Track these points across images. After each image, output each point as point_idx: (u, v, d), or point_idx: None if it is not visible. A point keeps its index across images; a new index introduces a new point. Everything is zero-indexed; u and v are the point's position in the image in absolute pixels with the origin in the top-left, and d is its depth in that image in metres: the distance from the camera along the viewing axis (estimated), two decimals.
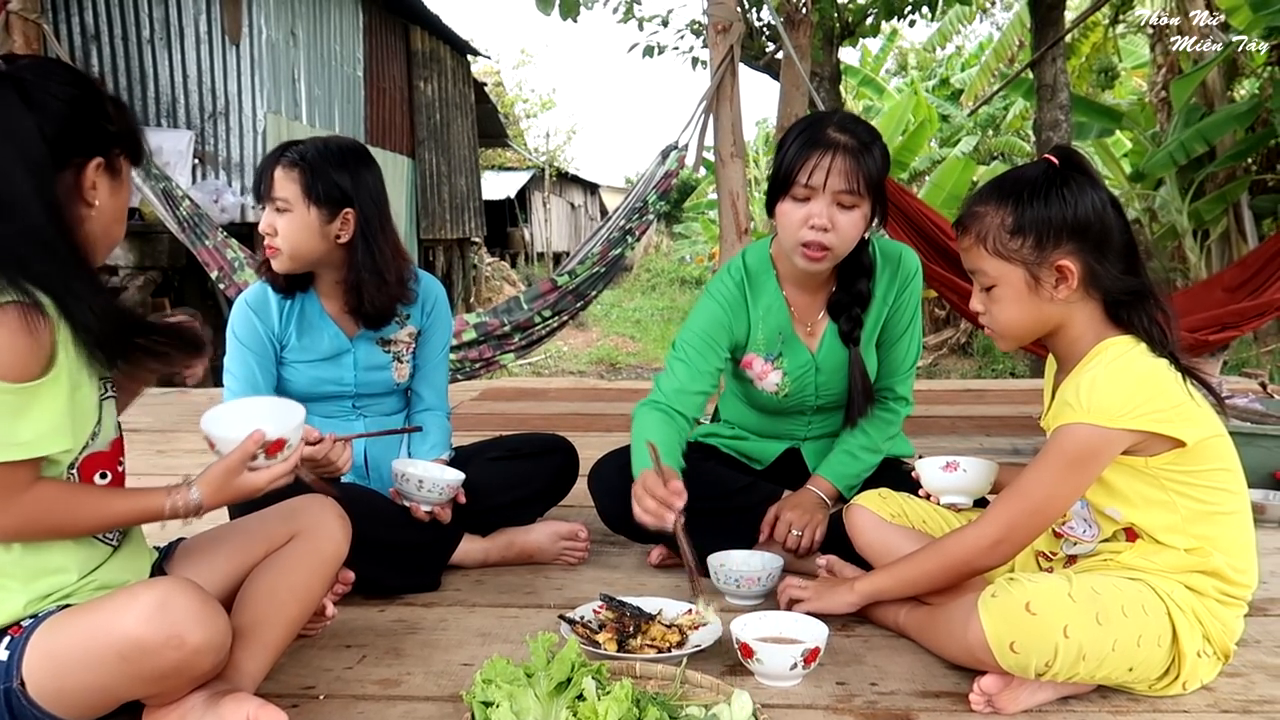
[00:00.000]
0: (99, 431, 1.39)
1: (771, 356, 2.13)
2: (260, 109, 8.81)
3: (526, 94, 30.03)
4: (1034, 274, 1.52)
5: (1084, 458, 1.49)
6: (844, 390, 2.14)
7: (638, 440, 1.95)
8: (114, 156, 1.36)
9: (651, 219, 4.62)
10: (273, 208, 2.01)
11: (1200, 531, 1.51)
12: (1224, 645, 1.54)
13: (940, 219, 3.90)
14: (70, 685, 1.25)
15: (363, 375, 2.17)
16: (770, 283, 2.12)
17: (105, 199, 1.35)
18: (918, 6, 8.24)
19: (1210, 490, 1.52)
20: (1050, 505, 1.53)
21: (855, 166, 1.87)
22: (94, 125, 1.32)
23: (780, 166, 1.93)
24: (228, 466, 1.42)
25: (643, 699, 1.32)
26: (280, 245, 2.02)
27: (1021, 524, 1.54)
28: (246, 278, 4.66)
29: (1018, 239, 1.52)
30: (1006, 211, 1.53)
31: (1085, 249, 1.51)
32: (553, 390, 5.57)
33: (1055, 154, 1.55)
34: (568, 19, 6.88)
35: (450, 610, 1.98)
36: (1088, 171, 1.54)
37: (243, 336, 2.09)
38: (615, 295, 19.29)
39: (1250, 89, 9.13)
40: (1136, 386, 1.47)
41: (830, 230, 1.89)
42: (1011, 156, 13.58)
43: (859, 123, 1.96)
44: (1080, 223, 1.50)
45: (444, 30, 13.14)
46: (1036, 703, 1.51)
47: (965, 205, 1.61)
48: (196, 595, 1.28)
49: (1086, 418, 1.47)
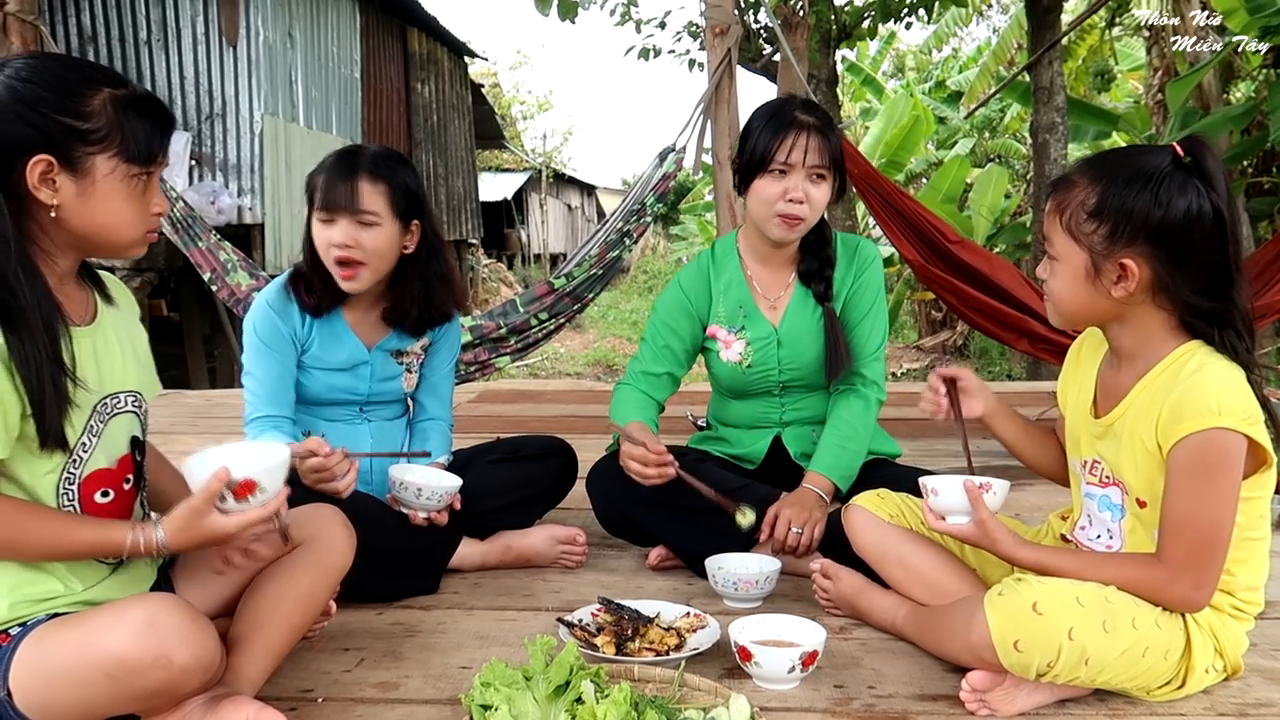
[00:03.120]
0: (95, 445, 1.37)
1: (734, 329, 2.26)
2: (257, 110, 8.80)
3: (524, 95, 30.08)
4: (1096, 264, 1.44)
5: (1227, 463, 1.38)
6: (809, 366, 2.22)
7: (614, 417, 2.23)
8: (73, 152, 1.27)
9: (649, 221, 4.62)
10: (355, 221, 1.96)
11: (1233, 556, 1.48)
12: (1234, 660, 1.54)
13: (938, 220, 3.89)
14: (57, 699, 1.23)
15: (376, 385, 2.18)
16: (733, 262, 2.30)
17: (70, 198, 1.28)
18: (914, 9, 8.25)
19: (1254, 518, 1.48)
20: (1223, 524, 1.40)
21: (824, 144, 2.08)
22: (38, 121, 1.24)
23: (756, 148, 2.10)
24: (192, 506, 1.34)
25: (641, 702, 1.32)
26: (367, 260, 1.98)
27: (1209, 559, 1.41)
28: (239, 279, 4.66)
29: (1092, 222, 1.43)
30: (1094, 190, 1.43)
31: (1159, 256, 1.40)
32: (550, 392, 5.57)
33: (1186, 145, 1.42)
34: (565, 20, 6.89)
35: (448, 613, 1.98)
36: (1209, 175, 1.39)
37: (266, 338, 2.06)
38: (612, 297, 19.30)
39: (1246, 91, 9.14)
40: (1245, 392, 1.39)
41: (804, 202, 2.08)
42: (1008, 159, 13.61)
43: (817, 106, 2.18)
44: (1164, 228, 1.38)
45: (441, 32, 13.14)
46: (1034, 705, 1.51)
47: (1074, 167, 1.52)
48: (185, 614, 1.25)
49: (1218, 421, 1.36)
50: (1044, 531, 1.74)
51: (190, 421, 4.50)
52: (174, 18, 8.74)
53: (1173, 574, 1.43)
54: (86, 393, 1.34)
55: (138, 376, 1.47)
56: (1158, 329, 1.48)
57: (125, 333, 1.48)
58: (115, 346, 1.44)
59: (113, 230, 1.34)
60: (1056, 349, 3.51)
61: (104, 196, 1.31)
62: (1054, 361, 3.60)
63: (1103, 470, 1.58)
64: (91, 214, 1.31)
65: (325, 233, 1.98)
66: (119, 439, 1.42)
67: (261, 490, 1.37)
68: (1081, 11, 9.41)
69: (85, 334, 1.38)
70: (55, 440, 1.29)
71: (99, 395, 1.38)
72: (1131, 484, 1.52)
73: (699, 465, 2.21)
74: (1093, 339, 1.67)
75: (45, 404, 1.27)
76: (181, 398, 5.33)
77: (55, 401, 1.27)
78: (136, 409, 1.46)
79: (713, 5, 4.22)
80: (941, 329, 12.11)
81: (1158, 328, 1.48)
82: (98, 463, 1.38)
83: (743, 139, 2.17)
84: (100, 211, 1.31)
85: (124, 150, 1.31)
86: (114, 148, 1.30)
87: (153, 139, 1.34)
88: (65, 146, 1.27)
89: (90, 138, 1.28)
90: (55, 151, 1.26)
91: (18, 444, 1.28)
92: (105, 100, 1.29)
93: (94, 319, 1.42)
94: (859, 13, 8.93)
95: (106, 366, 1.41)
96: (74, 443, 1.33)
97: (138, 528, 1.34)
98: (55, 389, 1.27)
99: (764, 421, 2.31)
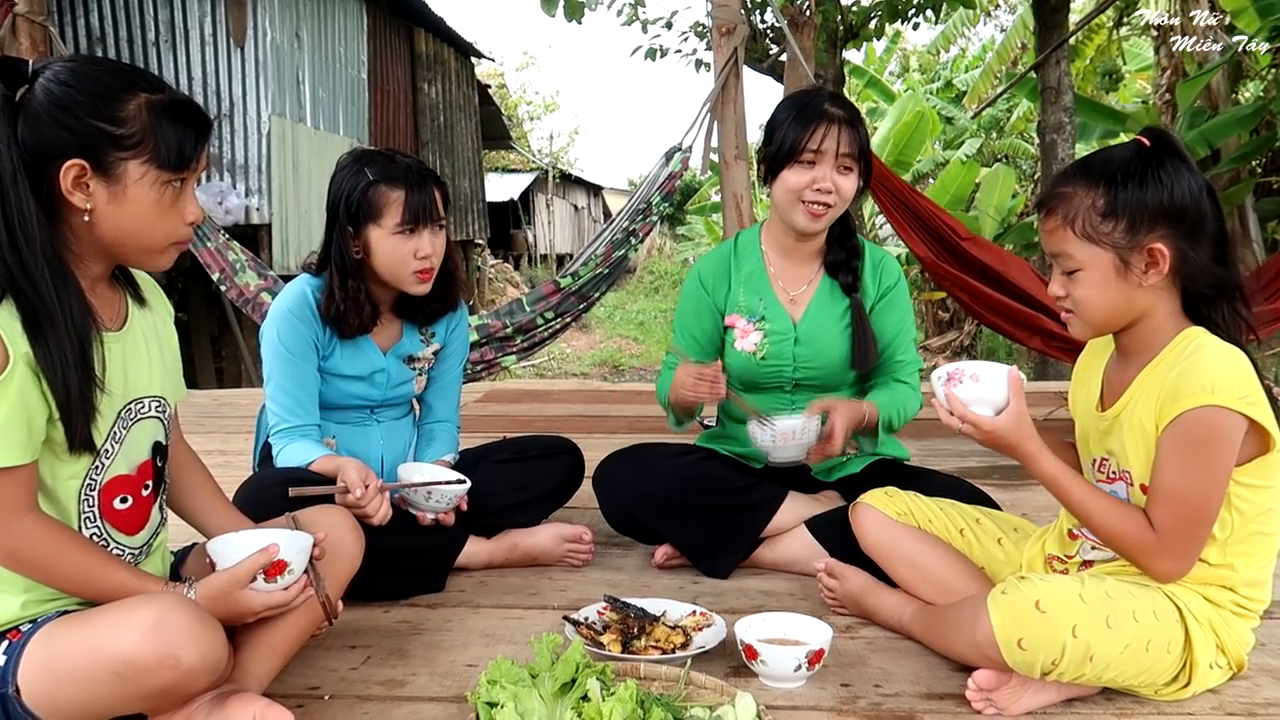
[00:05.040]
0: (118, 451, 1.38)
1: (754, 318, 2.25)
2: (265, 111, 8.83)
3: (530, 96, 30.09)
4: (1124, 259, 1.46)
5: (1219, 440, 1.40)
6: (827, 366, 2.21)
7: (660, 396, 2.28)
8: (106, 157, 1.27)
9: (655, 221, 4.63)
10: (435, 229, 2.04)
11: (1238, 549, 1.48)
12: (1238, 657, 1.54)
13: (950, 218, 3.88)
14: (65, 697, 1.24)
15: (389, 391, 2.20)
16: (755, 254, 2.30)
17: (102, 203, 1.28)
18: (921, 9, 8.23)
19: (1261, 510, 1.48)
20: (1211, 501, 1.43)
21: (853, 135, 2.11)
22: (73, 125, 1.24)
23: (785, 138, 2.11)
24: (233, 576, 1.37)
25: (647, 700, 1.32)
26: (439, 263, 2.08)
27: (1193, 533, 1.44)
28: (248, 279, 4.67)
29: (1110, 222, 1.45)
30: (1098, 193, 1.46)
31: (1179, 234, 1.44)
32: (556, 392, 5.57)
33: (1148, 135, 1.47)
34: (572, 21, 6.89)
35: (455, 611, 1.99)
36: (1182, 154, 1.45)
37: (292, 347, 2.05)
38: (618, 297, 19.30)
39: (1255, 91, 9.10)
40: (1243, 371, 1.40)
41: (833, 191, 2.10)
42: (1015, 159, 13.58)
43: (844, 99, 2.21)
44: (1176, 207, 1.43)
45: (448, 32, 13.16)
46: (1040, 704, 1.51)
47: (1049, 186, 1.55)
48: (193, 614, 1.26)
49: (1211, 399, 1.38)
50: (1053, 529, 1.74)
51: (198, 421, 4.51)
52: (182, 19, 8.77)
53: (1162, 543, 1.45)
54: (111, 399, 1.34)
55: (163, 381, 1.47)
56: (1172, 315, 1.50)
57: (155, 335, 1.48)
58: (143, 351, 1.44)
59: (141, 237, 1.33)
60: (1068, 346, 3.50)
61: (134, 202, 1.29)
62: (1065, 359, 3.58)
63: (1110, 466, 1.58)
64: (121, 219, 1.30)
65: (408, 245, 2.01)
66: (141, 445, 1.42)
67: (290, 572, 1.42)
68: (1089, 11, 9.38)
69: (116, 339, 1.37)
70: (83, 443, 1.30)
71: (124, 401, 1.38)
72: (1135, 471, 1.52)
73: (705, 463, 2.22)
74: (1098, 343, 1.67)
75: (72, 408, 1.27)
76: (190, 397, 5.33)
77: (81, 407, 1.27)
78: (160, 414, 1.46)
79: (719, 5, 4.22)
80: (949, 329, 12.07)
81: (1168, 314, 1.50)
82: (118, 469, 1.39)
83: (769, 130, 2.17)
84: (130, 217, 1.30)
85: (156, 156, 1.29)
86: (146, 153, 1.28)
87: (186, 145, 1.32)
88: (98, 151, 1.26)
89: (124, 143, 1.27)
90: (89, 156, 1.25)
91: (43, 447, 1.28)
92: (140, 105, 1.28)
93: (125, 323, 1.42)
94: (866, 13, 8.91)
95: (134, 372, 1.40)
96: (100, 446, 1.33)
97: (170, 586, 1.36)
98: (82, 395, 1.27)
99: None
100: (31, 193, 1.24)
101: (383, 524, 1.89)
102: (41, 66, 1.27)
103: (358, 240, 2.04)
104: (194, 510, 1.61)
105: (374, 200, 2.00)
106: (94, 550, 1.33)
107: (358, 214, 2.01)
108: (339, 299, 2.05)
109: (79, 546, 1.31)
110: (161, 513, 1.52)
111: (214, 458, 3.46)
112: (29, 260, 1.23)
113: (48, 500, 1.32)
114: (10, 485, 1.25)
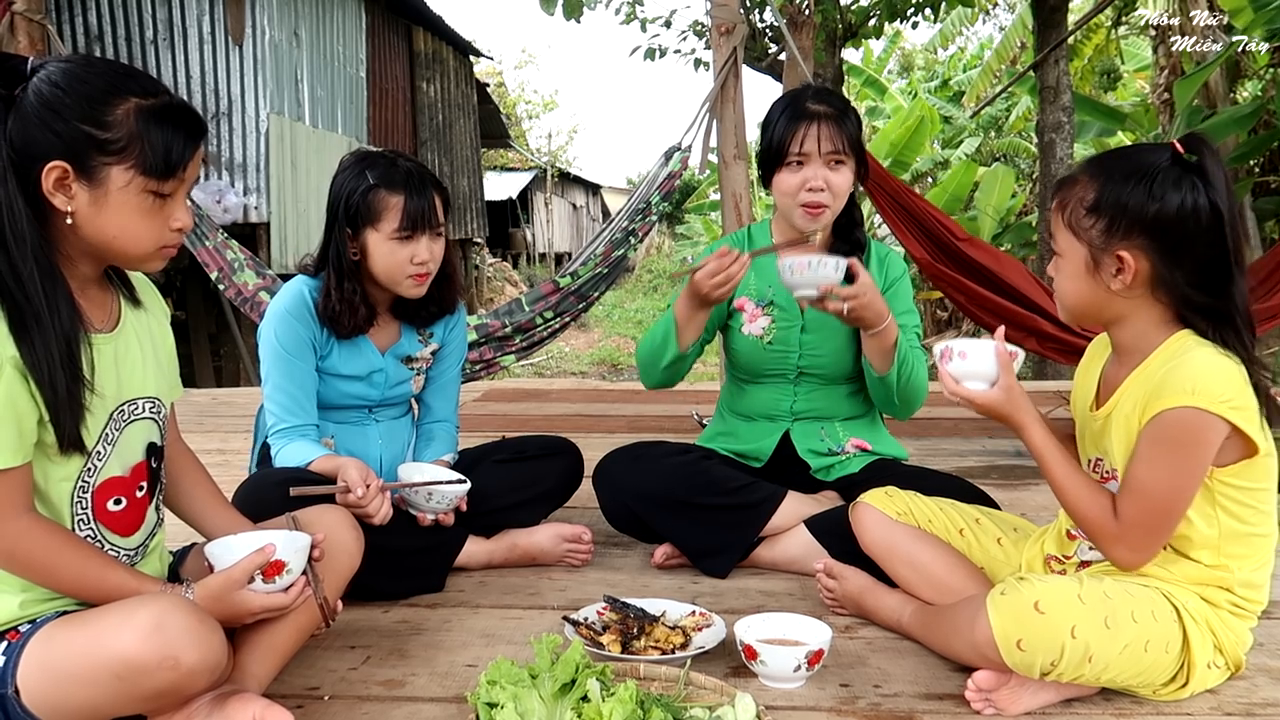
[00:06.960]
0: (110, 452, 1.37)
1: (763, 303, 2.27)
2: (263, 109, 8.82)
3: (529, 95, 30.07)
4: (1095, 257, 1.47)
5: (1195, 441, 1.40)
6: (831, 355, 2.21)
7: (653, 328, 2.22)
8: (89, 161, 1.24)
9: (654, 220, 4.62)
10: (433, 234, 2.04)
11: (1232, 550, 1.49)
12: (1236, 657, 1.54)
13: (946, 218, 3.88)
14: (64, 698, 1.23)
15: (387, 391, 2.20)
16: (766, 242, 2.31)
17: (83, 207, 1.26)
18: (920, 8, 8.24)
19: (1253, 511, 1.48)
20: (1178, 500, 1.44)
21: (838, 130, 2.11)
22: (58, 127, 1.22)
23: (772, 142, 2.14)
24: (230, 577, 1.37)
25: (647, 700, 1.32)
26: (436, 268, 2.08)
27: (1155, 527, 1.45)
28: (246, 278, 4.67)
29: (1091, 217, 1.46)
30: (1093, 187, 1.46)
31: (1155, 249, 1.43)
32: (555, 391, 5.57)
33: (1185, 143, 1.44)
34: (570, 20, 6.89)
35: (454, 611, 1.99)
36: (1206, 172, 1.41)
37: (290, 347, 2.05)
38: (617, 296, 19.30)
39: (1253, 90, 9.11)
40: (1230, 378, 1.40)
41: (825, 189, 2.12)
42: (1014, 158, 13.58)
43: (831, 93, 2.23)
44: (1159, 222, 1.41)
45: (446, 31, 13.15)
46: (1039, 704, 1.51)
47: (1076, 166, 1.55)
48: (193, 615, 1.25)
49: (1191, 400, 1.38)
50: (1052, 529, 1.74)
51: (196, 420, 4.50)
52: (180, 17, 8.76)
53: (1121, 531, 1.47)
54: (103, 400, 1.34)
55: (157, 381, 1.46)
56: (1156, 323, 1.50)
57: (149, 336, 1.47)
58: (137, 352, 1.43)
59: (123, 243, 1.31)
60: (1064, 348, 3.50)
61: (117, 208, 1.28)
62: (1061, 360, 3.59)
63: (1104, 465, 1.58)
64: (103, 224, 1.28)
65: (405, 250, 2.01)
66: (135, 446, 1.42)
67: (288, 572, 1.42)
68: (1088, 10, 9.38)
69: (107, 340, 1.37)
70: (72, 444, 1.29)
71: (116, 402, 1.37)
72: (1122, 469, 1.52)
73: (705, 461, 2.22)
74: (1099, 344, 1.68)
75: (60, 409, 1.26)
76: (188, 396, 5.34)
77: (69, 407, 1.27)
78: (154, 415, 1.46)
79: (718, 4, 4.21)
80: (946, 329, 12.09)
81: (1156, 322, 1.50)
82: (111, 470, 1.38)
83: (762, 133, 2.20)
84: (112, 222, 1.28)
85: (141, 162, 1.27)
86: (131, 159, 1.26)
87: (174, 152, 1.29)
88: (82, 155, 1.24)
89: (108, 147, 1.25)
90: (72, 159, 1.24)
91: (35, 449, 1.28)
92: (129, 110, 1.26)
93: (117, 324, 1.41)
94: (865, 11, 8.92)
95: (126, 373, 1.40)
96: (91, 448, 1.33)
97: (168, 588, 1.36)
98: (69, 395, 1.27)
99: (775, 411, 2.29)
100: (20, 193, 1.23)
101: (383, 524, 1.89)
102: (40, 65, 1.26)
103: (355, 242, 2.04)
104: (192, 511, 1.61)
105: (373, 204, 2.00)
106: (91, 551, 1.33)
107: (356, 217, 2.01)
108: (335, 299, 2.05)
109: (76, 547, 1.31)
110: (158, 514, 1.51)
111: (212, 457, 3.46)
112: (17, 260, 1.23)
113: (40, 502, 1.32)
114: (4, 487, 1.24)
